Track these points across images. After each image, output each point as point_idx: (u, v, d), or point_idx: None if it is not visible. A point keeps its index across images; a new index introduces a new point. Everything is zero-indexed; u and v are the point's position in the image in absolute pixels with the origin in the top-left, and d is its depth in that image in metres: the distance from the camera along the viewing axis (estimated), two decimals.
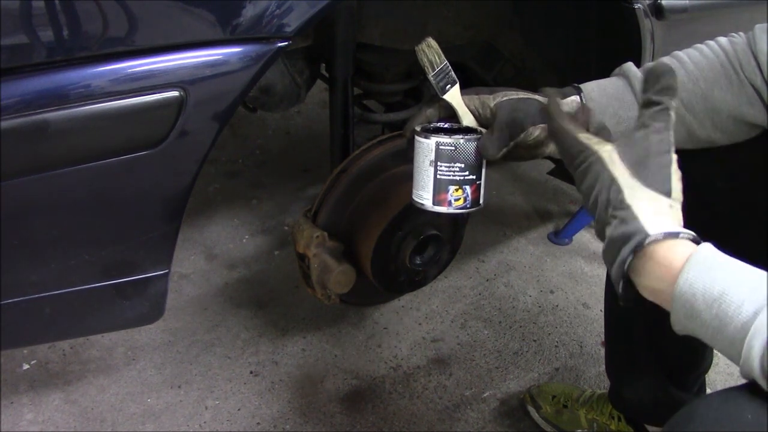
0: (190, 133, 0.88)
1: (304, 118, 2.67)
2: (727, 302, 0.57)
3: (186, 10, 0.83)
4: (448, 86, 0.87)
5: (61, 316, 1.01)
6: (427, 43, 0.87)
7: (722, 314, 0.57)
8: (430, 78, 0.87)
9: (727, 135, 0.89)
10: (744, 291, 0.57)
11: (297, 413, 1.41)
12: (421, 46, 0.88)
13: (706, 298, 0.58)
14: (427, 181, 0.85)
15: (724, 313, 0.57)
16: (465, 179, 0.84)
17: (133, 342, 1.56)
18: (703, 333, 0.60)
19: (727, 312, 0.57)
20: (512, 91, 0.86)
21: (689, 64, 0.88)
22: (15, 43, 0.76)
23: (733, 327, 0.57)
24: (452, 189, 0.84)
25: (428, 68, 0.87)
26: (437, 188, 0.85)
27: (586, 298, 1.78)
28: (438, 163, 0.83)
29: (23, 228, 0.89)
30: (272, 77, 1.42)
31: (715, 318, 0.58)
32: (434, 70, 0.86)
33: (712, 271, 0.59)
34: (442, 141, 0.83)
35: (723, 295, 0.58)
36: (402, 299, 1.72)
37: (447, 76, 0.87)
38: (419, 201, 0.87)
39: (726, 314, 0.57)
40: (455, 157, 0.83)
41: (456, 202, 0.85)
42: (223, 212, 2.06)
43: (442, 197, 0.85)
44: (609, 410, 1.31)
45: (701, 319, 0.59)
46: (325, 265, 1.29)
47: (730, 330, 0.57)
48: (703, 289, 0.59)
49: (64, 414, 1.38)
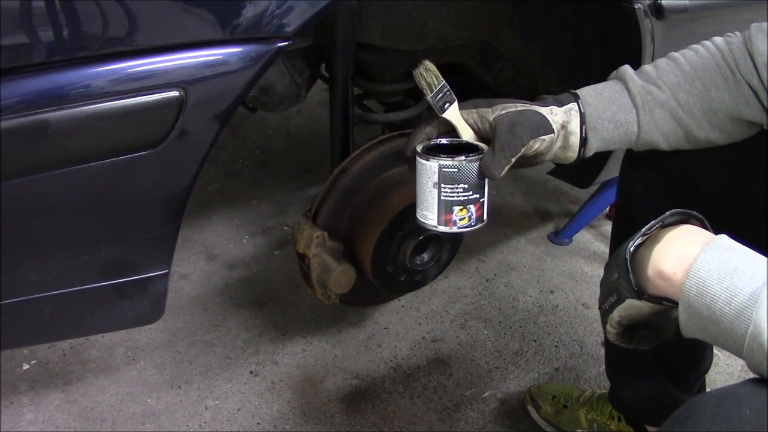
0: (190, 133, 0.88)
1: (304, 118, 2.67)
2: (739, 275, 0.61)
3: (186, 10, 0.83)
4: (447, 105, 0.87)
5: (61, 316, 1.01)
6: (424, 66, 0.88)
7: (733, 287, 0.61)
8: (429, 99, 0.87)
9: (725, 134, 0.89)
10: (756, 266, 0.61)
11: (297, 413, 1.41)
12: (418, 70, 0.88)
13: (719, 273, 0.62)
14: (432, 203, 0.85)
15: (735, 285, 0.61)
16: (469, 199, 0.85)
17: (133, 342, 1.56)
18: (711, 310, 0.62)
19: (738, 284, 0.60)
20: (510, 104, 0.86)
21: (685, 64, 0.88)
22: (15, 43, 0.76)
23: (742, 296, 0.60)
24: (457, 209, 0.85)
25: (426, 90, 0.87)
26: (442, 209, 0.85)
27: (586, 298, 1.78)
28: (441, 185, 0.84)
29: (23, 228, 0.88)
30: (272, 77, 1.41)
31: (725, 291, 0.61)
32: (433, 91, 0.87)
33: (728, 251, 0.64)
34: (444, 164, 0.83)
35: (736, 270, 0.61)
36: (402, 299, 1.72)
37: (445, 95, 0.87)
38: (424, 221, 0.88)
39: (737, 286, 0.60)
40: (458, 179, 0.83)
41: (461, 222, 0.85)
42: (223, 212, 2.06)
43: (448, 218, 0.85)
44: (609, 410, 1.31)
45: (712, 293, 0.62)
46: (325, 265, 1.29)
47: (738, 300, 0.60)
48: (718, 265, 0.63)
49: (64, 414, 1.38)
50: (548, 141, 0.86)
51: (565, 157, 0.90)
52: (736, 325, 0.60)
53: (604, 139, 0.89)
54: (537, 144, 0.85)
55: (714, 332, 0.63)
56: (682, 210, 0.72)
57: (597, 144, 0.90)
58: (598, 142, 0.89)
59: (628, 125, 0.89)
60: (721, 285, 0.61)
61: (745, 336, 0.59)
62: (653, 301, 0.71)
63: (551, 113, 0.86)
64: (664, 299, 0.70)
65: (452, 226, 0.86)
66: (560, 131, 0.87)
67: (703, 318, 0.63)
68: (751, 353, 0.59)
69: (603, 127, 0.88)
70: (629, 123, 0.89)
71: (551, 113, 0.86)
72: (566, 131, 0.88)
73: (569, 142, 0.88)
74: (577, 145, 0.89)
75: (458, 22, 1.40)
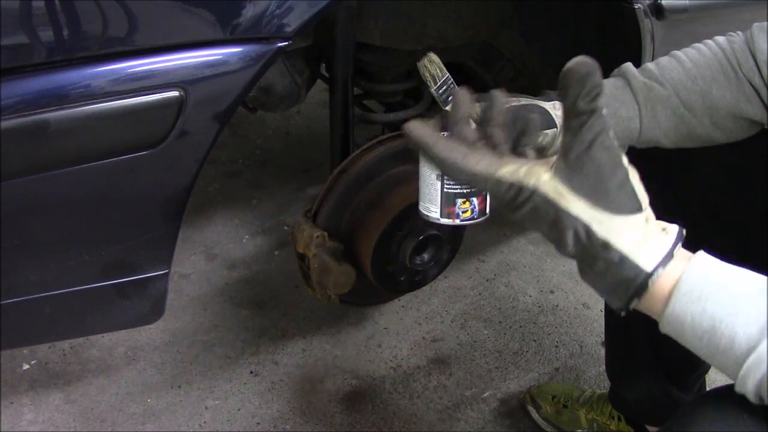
0: (190, 133, 0.88)
1: (304, 118, 2.67)
2: (718, 335, 0.54)
3: (186, 10, 0.83)
4: (451, 98, 0.88)
5: (61, 316, 1.01)
6: (429, 58, 0.89)
7: (713, 347, 0.55)
8: (433, 91, 0.88)
9: (726, 133, 0.89)
10: (737, 323, 0.54)
11: (297, 413, 1.41)
12: (423, 62, 0.89)
13: (695, 331, 0.56)
14: (435, 195, 0.85)
15: (715, 346, 0.55)
16: (472, 191, 0.84)
17: (133, 342, 1.56)
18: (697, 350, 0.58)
19: (718, 346, 0.55)
20: (513, 98, 0.87)
21: (688, 62, 0.88)
22: (15, 43, 0.76)
23: (726, 358, 0.55)
24: (460, 202, 0.85)
25: (431, 82, 0.88)
26: (445, 202, 0.85)
27: (586, 298, 1.78)
28: (445, 177, 0.84)
29: (23, 228, 0.89)
30: (272, 77, 1.41)
31: (705, 348, 0.56)
32: (437, 83, 0.88)
33: (700, 301, 0.55)
34: None
35: (713, 328, 0.54)
36: (402, 299, 1.72)
37: (449, 88, 0.88)
38: (427, 214, 0.88)
39: (717, 347, 0.55)
40: None
41: (464, 214, 0.85)
42: (223, 212, 2.06)
43: (450, 210, 0.85)
44: (609, 410, 1.31)
45: (692, 346, 0.57)
46: (325, 265, 1.29)
47: (722, 359, 0.55)
48: (691, 322, 0.56)
49: (64, 414, 1.38)
50: (551, 135, 0.86)
51: None
52: (726, 371, 0.56)
53: None
54: (540, 138, 0.85)
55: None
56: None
57: None
58: None
59: (629, 121, 0.89)
60: (700, 342, 0.56)
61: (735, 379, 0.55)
62: None
63: (554, 108, 0.86)
64: None
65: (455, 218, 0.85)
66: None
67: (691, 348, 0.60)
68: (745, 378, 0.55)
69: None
70: (631, 119, 0.89)
71: (554, 108, 0.86)
72: None
73: None
74: None
75: (458, 22, 1.40)
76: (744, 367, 0.53)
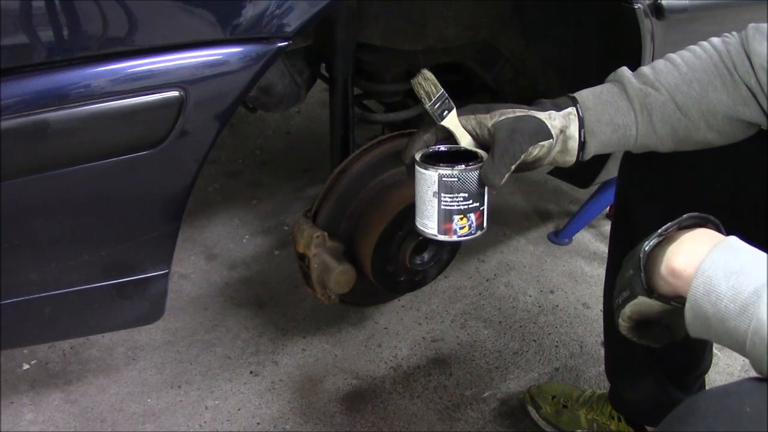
0: (190, 133, 0.88)
1: (304, 118, 2.67)
2: (745, 273, 0.62)
3: (186, 10, 0.83)
4: (446, 112, 0.87)
5: (61, 316, 1.01)
6: (423, 75, 0.88)
7: (738, 284, 0.62)
8: (428, 108, 0.87)
9: (723, 136, 0.89)
10: (762, 264, 0.62)
11: (297, 413, 1.41)
12: (417, 79, 0.88)
13: (726, 271, 0.63)
14: (432, 212, 0.85)
15: (740, 283, 0.62)
16: (469, 207, 0.84)
17: (133, 342, 1.56)
18: (717, 308, 0.63)
19: (743, 282, 0.61)
20: (508, 109, 0.86)
21: (683, 66, 0.88)
22: (15, 43, 0.76)
23: (746, 293, 0.61)
24: (457, 218, 0.85)
25: (425, 99, 0.87)
26: (442, 218, 0.85)
27: (586, 298, 1.78)
28: (441, 194, 0.84)
29: (23, 228, 0.89)
30: (272, 77, 1.42)
31: (731, 289, 0.62)
32: (431, 100, 0.87)
33: (737, 252, 0.65)
34: (444, 173, 0.82)
35: (742, 268, 0.63)
36: (402, 299, 1.72)
37: (444, 103, 0.87)
38: (424, 230, 0.88)
39: (742, 284, 0.61)
40: (458, 188, 0.83)
41: (461, 230, 0.85)
42: (223, 212, 2.06)
43: (448, 227, 0.85)
44: (609, 410, 1.31)
45: (717, 292, 0.63)
46: (325, 265, 1.29)
47: (742, 297, 0.60)
48: (725, 263, 0.64)
49: (64, 414, 1.38)
50: (547, 146, 0.86)
51: (564, 161, 0.90)
52: (740, 322, 0.60)
53: (602, 143, 0.89)
54: (536, 150, 0.85)
55: (719, 331, 0.63)
56: (699, 214, 0.73)
57: (595, 148, 0.90)
58: (597, 145, 0.89)
59: (626, 128, 0.89)
60: (727, 283, 0.62)
61: (748, 332, 0.59)
62: (662, 300, 0.72)
63: (550, 118, 0.86)
64: (672, 299, 0.71)
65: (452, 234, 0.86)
66: (559, 136, 0.87)
67: (709, 317, 0.63)
68: (753, 349, 0.59)
69: (601, 130, 0.88)
70: (627, 126, 0.89)
71: (550, 118, 0.86)
72: (565, 136, 0.87)
73: (568, 147, 0.88)
74: (576, 149, 0.89)
75: (458, 22, 1.40)
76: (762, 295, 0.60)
